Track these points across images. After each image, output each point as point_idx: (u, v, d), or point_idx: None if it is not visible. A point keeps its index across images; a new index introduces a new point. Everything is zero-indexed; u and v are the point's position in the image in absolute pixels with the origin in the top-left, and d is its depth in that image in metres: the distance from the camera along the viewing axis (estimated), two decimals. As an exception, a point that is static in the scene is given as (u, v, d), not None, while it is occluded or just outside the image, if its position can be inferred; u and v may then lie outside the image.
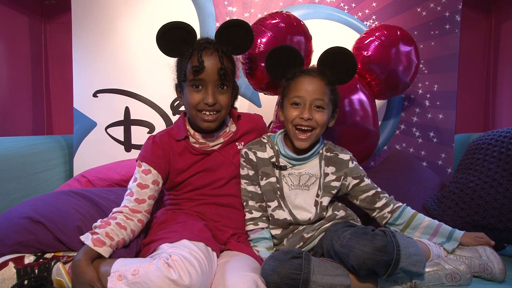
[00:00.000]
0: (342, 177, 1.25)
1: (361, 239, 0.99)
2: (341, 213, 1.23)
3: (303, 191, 1.23)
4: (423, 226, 1.24)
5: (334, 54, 1.24)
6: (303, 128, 1.19)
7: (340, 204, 1.28)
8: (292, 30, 1.50)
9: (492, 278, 1.13)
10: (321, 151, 1.27)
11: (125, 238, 1.09)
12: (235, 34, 1.23)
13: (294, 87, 1.22)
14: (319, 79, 1.21)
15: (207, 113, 1.20)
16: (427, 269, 1.09)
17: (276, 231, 1.23)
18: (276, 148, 1.26)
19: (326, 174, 1.25)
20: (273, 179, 1.24)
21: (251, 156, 1.25)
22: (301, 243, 1.19)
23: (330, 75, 1.22)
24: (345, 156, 1.27)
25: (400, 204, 1.27)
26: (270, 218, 1.24)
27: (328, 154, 1.27)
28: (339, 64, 1.23)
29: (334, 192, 1.24)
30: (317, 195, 1.23)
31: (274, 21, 1.50)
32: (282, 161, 1.25)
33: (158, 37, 1.20)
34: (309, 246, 1.20)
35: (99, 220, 1.10)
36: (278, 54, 1.26)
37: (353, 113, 1.57)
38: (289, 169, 1.25)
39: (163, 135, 1.27)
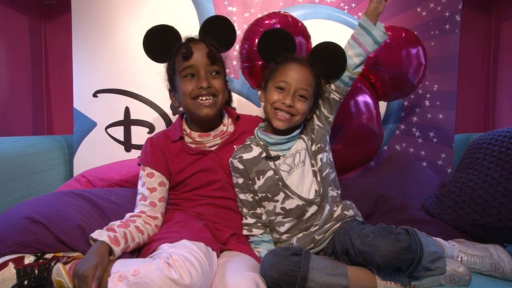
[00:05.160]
0: (313, 126, 1.26)
1: (386, 238, 0.99)
2: (350, 213, 1.23)
3: (299, 168, 1.23)
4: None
5: (326, 49, 1.24)
6: (282, 112, 1.19)
7: (349, 202, 1.27)
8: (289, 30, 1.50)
9: (503, 277, 1.13)
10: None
11: (140, 242, 1.10)
12: (217, 29, 1.24)
13: (282, 72, 1.22)
14: (308, 70, 1.21)
15: (204, 98, 1.19)
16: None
17: (289, 224, 1.22)
18: (262, 143, 1.25)
19: (307, 143, 1.26)
20: (270, 173, 1.22)
21: (236, 164, 1.23)
22: (312, 245, 1.19)
23: (319, 67, 1.23)
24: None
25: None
26: (283, 212, 1.21)
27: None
28: (329, 60, 1.24)
29: (323, 145, 1.24)
30: (312, 165, 1.23)
31: (271, 21, 1.50)
32: (273, 152, 1.24)
33: (144, 42, 1.22)
34: (319, 248, 1.20)
35: (118, 220, 1.11)
36: (273, 37, 1.26)
37: (357, 115, 1.56)
38: (282, 157, 1.24)
39: (159, 136, 1.28)
